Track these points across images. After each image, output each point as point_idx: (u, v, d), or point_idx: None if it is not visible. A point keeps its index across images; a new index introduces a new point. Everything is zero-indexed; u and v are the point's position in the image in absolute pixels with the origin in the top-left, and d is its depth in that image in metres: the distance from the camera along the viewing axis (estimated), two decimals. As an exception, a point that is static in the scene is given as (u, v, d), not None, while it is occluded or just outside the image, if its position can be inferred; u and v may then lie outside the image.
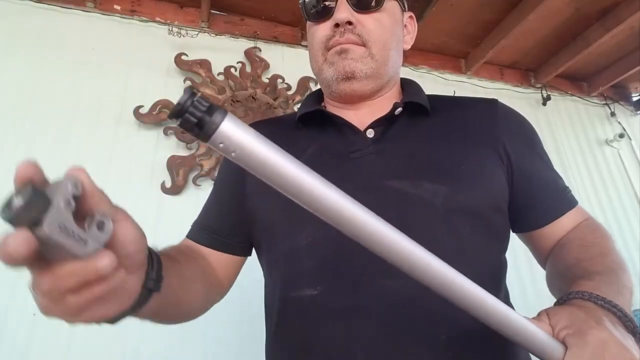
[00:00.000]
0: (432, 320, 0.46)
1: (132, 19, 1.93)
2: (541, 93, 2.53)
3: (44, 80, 1.70)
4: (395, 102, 0.60)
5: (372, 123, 0.59)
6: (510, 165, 0.58)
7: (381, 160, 0.55)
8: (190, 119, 0.23)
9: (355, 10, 0.58)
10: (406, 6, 0.67)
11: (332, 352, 0.48)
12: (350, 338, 0.47)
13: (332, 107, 0.65)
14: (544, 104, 2.51)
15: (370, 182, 0.53)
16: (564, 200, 0.62)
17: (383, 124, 0.59)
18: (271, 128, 0.66)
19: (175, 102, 0.24)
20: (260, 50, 2.03)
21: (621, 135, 2.55)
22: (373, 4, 0.58)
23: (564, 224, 0.60)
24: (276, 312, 0.56)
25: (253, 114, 1.86)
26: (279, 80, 1.98)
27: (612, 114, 2.66)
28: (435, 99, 0.64)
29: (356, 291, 0.46)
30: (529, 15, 1.93)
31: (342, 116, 0.61)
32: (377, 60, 0.59)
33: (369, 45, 0.58)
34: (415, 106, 0.60)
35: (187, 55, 1.88)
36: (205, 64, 1.88)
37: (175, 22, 1.97)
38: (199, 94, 0.24)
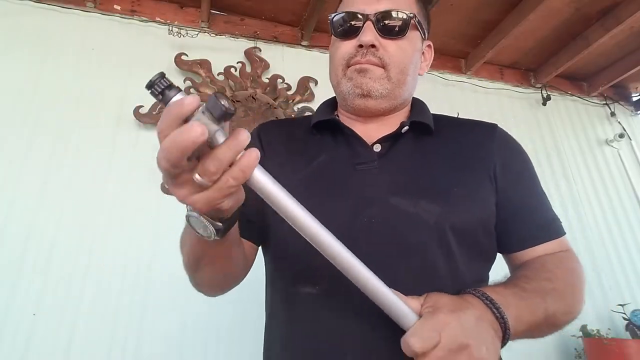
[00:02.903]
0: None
1: (132, 19, 1.93)
2: (541, 93, 2.53)
3: (44, 80, 1.71)
4: (403, 121, 0.64)
5: (380, 138, 0.62)
6: (497, 189, 0.61)
7: (384, 175, 0.59)
8: (155, 91, 0.36)
9: (380, 35, 0.61)
10: (427, 35, 0.71)
11: (324, 347, 0.52)
12: (343, 337, 0.51)
13: (345, 118, 0.69)
14: (544, 104, 2.50)
15: (373, 195, 0.56)
16: (546, 231, 0.62)
17: (389, 140, 0.63)
18: (288, 130, 0.72)
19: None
20: (260, 50, 2.03)
21: (621, 135, 2.55)
22: (397, 31, 0.62)
23: (539, 252, 0.61)
24: (276, 307, 0.61)
25: (253, 114, 1.86)
26: (279, 80, 1.98)
27: (612, 114, 2.66)
28: (439, 119, 0.68)
29: (349, 292, 0.48)
30: (529, 15, 1.93)
31: (353, 128, 0.64)
32: (393, 82, 0.62)
33: (388, 68, 0.61)
34: (420, 125, 0.64)
35: (187, 55, 1.88)
36: (205, 64, 1.88)
37: (175, 22, 1.97)
38: (166, 77, 0.36)
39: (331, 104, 0.72)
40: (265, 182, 0.38)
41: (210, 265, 0.52)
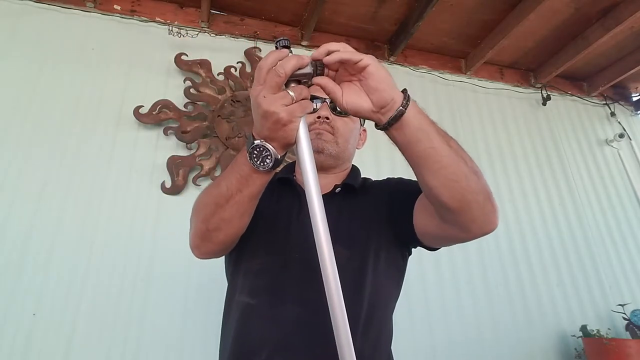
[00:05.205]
0: (319, 338, 0.64)
1: (132, 19, 1.93)
2: (541, 93, 2.53)
3: (44, 80, 1.71)
4: (336, 184, 0.86)
5: None
6: (390, 201, 0.83)
7: None
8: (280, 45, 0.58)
9: (332, 113, 0.87)
10: (363, 123, 0.97)
11: (250, 344, 0.71)
12: (263, 337, 0.70)
13: (299, 177, 0.87)
14: (544, 104, 2.51)
15: (308, 241, 0.68)
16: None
17: (326, 196, 0.82)
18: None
19: (175, 102, 0.27)
20: (260, 50, 2.03)
21: (621, 135, 2.55)
22: (344, 112, 0.85)
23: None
24: (228, 311, 0.80)
25: (253, 114, 1.86)
26: (279, 80, 1.98)
27: (612, 114, 2.66)
28: (366, 181, 0.92)
29: (275, 307, 0.69)
30: (529, 15, 1.93)
31: (302, 186, 0.77)
32: (339, 146, 0.87)
33: (336, 135, 0.86)
34: (349, 187, 0.87)
35: (187, 55, 1.88)
36: (205, 64, 1.89)
37: (175, 22, 1.97)
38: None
39: (290, 167, 0.96)
40: (303, 128, 0.58)
41: (237, 205, 0.66)
